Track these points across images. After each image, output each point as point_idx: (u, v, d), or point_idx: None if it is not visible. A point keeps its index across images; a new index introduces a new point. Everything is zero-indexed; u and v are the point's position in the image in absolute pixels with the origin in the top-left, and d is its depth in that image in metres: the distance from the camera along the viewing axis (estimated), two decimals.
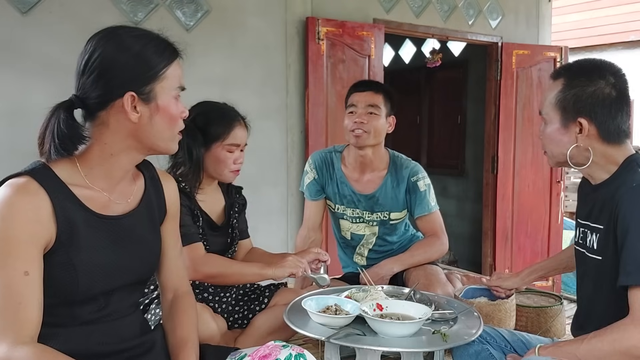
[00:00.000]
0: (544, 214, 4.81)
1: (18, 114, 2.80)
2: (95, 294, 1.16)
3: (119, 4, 3.02)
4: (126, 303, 1.25)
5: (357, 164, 2.37)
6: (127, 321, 1.25)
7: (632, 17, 8.67)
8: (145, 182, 1.31)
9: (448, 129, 6.05)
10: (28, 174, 1.11)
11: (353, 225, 2.41)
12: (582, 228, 1.52)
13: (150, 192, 1.31)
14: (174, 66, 1.20)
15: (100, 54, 1.15)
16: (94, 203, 1.17)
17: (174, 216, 1.38)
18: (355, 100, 2.28)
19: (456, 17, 4.43)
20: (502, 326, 1.96)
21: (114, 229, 1.20)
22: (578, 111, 1.40)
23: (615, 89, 1.40)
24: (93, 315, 1.17)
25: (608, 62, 1.45)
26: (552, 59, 4.78)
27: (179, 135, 1.25)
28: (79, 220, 1.13)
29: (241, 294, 2.01)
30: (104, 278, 1.17)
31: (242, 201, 2.07)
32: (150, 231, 1.29)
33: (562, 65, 1.53)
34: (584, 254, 1.50)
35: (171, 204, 1.36)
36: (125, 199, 1.24)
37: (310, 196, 2.45)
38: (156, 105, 1.17)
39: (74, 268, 1.12)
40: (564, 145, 1.44)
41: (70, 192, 1.14)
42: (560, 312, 2.28)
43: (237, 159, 1.89)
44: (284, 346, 1.21)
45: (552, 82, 1.48)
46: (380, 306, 1.68)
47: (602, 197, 1.43)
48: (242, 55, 3.43)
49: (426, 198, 2.33)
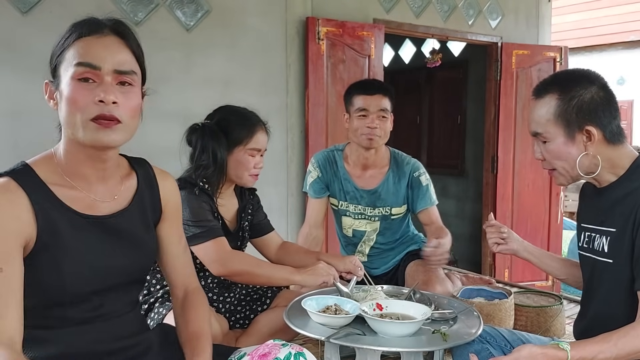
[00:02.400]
0: (544, 214, 4.82)
1: (18, 114, 2.80)
2: (86, 294, 1.14)
3: (119, 4, 3.02)
4: (122, 302, 1.23)
5: (359, 162, 2.41)
6: (124, 319, 1.23)
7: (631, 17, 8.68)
8: (138, 181, 1.27)
9: (448, 129, 6.05)
10: (8, 175, 1.09)
11: (355, 222, 2.45)
12: (588, 232, 1.50)
13: (144, 191, 1.27)
14: (77, 43, 1.10)
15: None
16: (78, 203, 1.14)
17: (172, 214, 1.35)
18: (366, 104, 2.29)
19: (456, 17, 4.43)
20: (501, 326, 1.97)
21: (101, 229, 1.16)
22: (583, 120, 1.39)
23: (605, 90, 1.41)
24: (88, 314, 1.15)
25: (586, 69, 1.46)
26: (551, 59, 4.78)
27: (102, 126, 1.09)
28: (61, 220, 1.11)
29: (244, 294, 2.01)
30: (93, 278, 1.14)
31: (256, 200, 2.09)
32: (143, 231, 1.26)
33: (542, 82, 1.49)
34: (592, 258, 1.48)
35: (167, 201, 1.33)
36: (111, 198, 1.20)
37: (314, 194, 2.49)
38: (60, 90, 1.11)
39: (60, 269, 1.09)
40: (573, 157, 1.42)
41: (50, 193, 1.11)
42: (560, 312, 2.29)
43: (258, 163, 1.92)
44: (283, 345, 1.21)
45: (539, 100, 1.45)
46: (380, 306, 1.68)
47: (612, 199, 1.42)
48: (242, 55, 3.43)
49: (428, 192, 2.39)
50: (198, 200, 1.80)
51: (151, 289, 1.87)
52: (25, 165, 1.13)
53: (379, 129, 2.28)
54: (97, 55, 1.09)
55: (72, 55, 1.10)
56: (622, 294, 1.39)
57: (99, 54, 1.10)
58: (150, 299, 1.84)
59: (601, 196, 1.46)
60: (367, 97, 2.30)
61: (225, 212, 1.94)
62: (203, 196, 1.82)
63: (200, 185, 1.83)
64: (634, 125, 9.62)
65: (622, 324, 1.31)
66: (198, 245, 1.76)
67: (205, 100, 2.05)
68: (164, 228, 1.34)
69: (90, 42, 1.11)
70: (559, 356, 1.25)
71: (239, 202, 2.02)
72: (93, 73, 1.08)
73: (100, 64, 1.09)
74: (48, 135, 3.27)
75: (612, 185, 1.44)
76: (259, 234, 2.08)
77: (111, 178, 1.21)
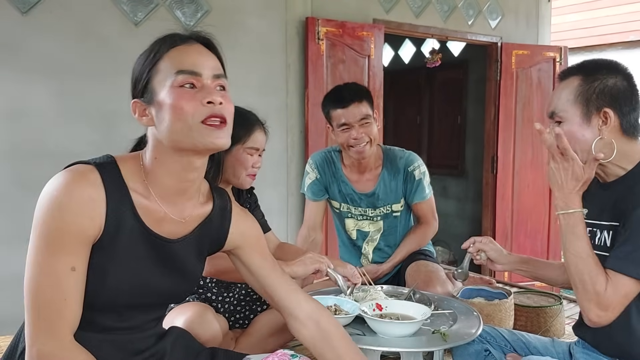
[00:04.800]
0: (544, 214, 4.82)
1: (18, 114, 2.80)
2: (119, 306, 1.12)
3: (119, 4, 3.02)
4: (147, 318, 1.20)
5: (354, 166, 2.41)
6: (145, 335, 1.20)
7: (631, 17, 8.67)
8: (213, 210, 1.24)
9: (448, 129, 6.05)
10: (94, 165, 1.08)
11: (358, 223, 2.45)
12: (590, 227, 1.49)
13: (213, 221, 1.24)
14: (169, 54, 1.11)
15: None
16: (149, 216, 1.12)
17: (253, 244, 1.31)
18: (345, 118, 2.23)
19: (456, 17, 4.43)
20: (501, 326, 1.97)
21: (157, 249, 1.14)
22: (602, 102, 1.38)
23: (629, 81, 1.41)
24: (112, 323, 1.13)
25: (614, 60, 1.45)
26: (551, 59, 4.79)
27: (214, 127, 1.09)
28: (126, 227, 1.09)
29: (243, 294, 2.01)
30: (131, 294, 1.12)
31: (254, 199, 2.09)
32: (195, 259, 1.23)
33: (572, 66, 1.50)
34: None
35: (237, 238, 1.29)
36: (181, 218, 1.17)
37: (313, 196, 2.47)
38: (158, 102, 1.10)
39: (104, 273, 1.07)
40: (587, 140, 1.40)
41: (128, 196, 1.10)
42: (560, 312, 2.29)
43: (256, 162, 1.91)
44: (292, 356, 1.20)
45: (563, 82, 1.45)
46: (380, 306, 1.68)
47: (618, 194, 1.41)
48: (242, 55, 3.44)
49: (422, 185, 2.38)
50: None
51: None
52: (113, 161, 1.12)
53: (365, 136, 2.24)
54: (195, 62, 1.11)
55: (168, 66, 1.10)
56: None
57: (196, 61, 1.11)
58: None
59: (606, 191, 1.45)
60: (344, 111, 2.23)
61: None
62: None
63: None
64: None
65: (623, 320, 1.31)
66: None
67: None
68: (245, 255, 1.31)
69: (182, 51, 1.12)
70: None
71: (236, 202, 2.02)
72: (195, 79, 1.09)
73: (200, 70, 1.10)
74: (48, 135, 3.28)
75: (618, 181, 1.43)
76: None
77: (190, 199, 1.19)
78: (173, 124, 1.08)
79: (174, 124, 1.08)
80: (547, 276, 1.71)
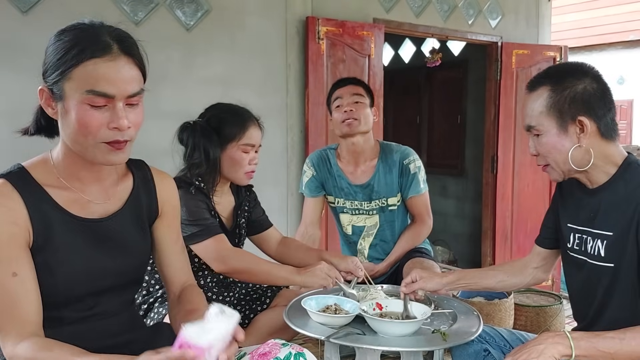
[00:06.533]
0: (544, 214, 4.80)
1: (18, 114, 2.80)
2: (80, 296, 1.16)
3: (120, 4, 3.02)
4: (117, 302, 1.25)
5: (350, 156, 2.43)
6: (119, 318, 1.24)
7: (631, 17, 8.68)
8: (134, 182, 1.28)
9: (448, 129, 6.05)
10: (3, 177, 1.11)
11: (353, 218, 2.46)
12: (579, 234, 1.48)
13: (140, 192, 1.28)
14: (86, 65, 1.06)
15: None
16: (72, 205, 1.16)
17: (170, 214, 1.35)
18: (339, 94, 2.39)
19: (456, 17, 4.43)
20: (501, 325, 1.97)
21: (95, 231, 1.18)
22: (576, 110, 1.37)
23: (599, 82, 1.39)
24: (82, 314, 1.18)
25: (580, 62, 1.45)
26: (551, 58, 4.78)
27: (115, 149, 1.10)
28: (55, 222, 1.13)
29: (243, 294, 2.02)
30: (86, 280, 1.16)
31: (253, 196, 2.09)
32: (136, 232, 1.26)
33: (535, 75, 1.48)
34: (585, 261, 1.46)
35: (165, 202, 1.33)
36: (106, 199, 1.21)
37: (310, 193, 2.51)
38: (65, 107, 1.09)
39: (52, 271, 1.12)
40: (566, 150, 1.39)
41: (45, 195, 1.13)
42: (560, 312, 2.29)
43: (252, 159, 1.91)
44: (283, 344, 1.21)
45: (533, 94, 1.43)
46: (380, 305, 1.68)
47: (606, 200, 1.40)
48: (242, 54, 3.43)
49: (417, 179, 2.41)
50: (194, 199, 1.80)
51: (150, 289, 1.87)
52: (21, 168, 1.15)
53: (355, 112, 2.33)
54: (111, 84, 1.07)
55: (82, 78, 1.06)
56: (626, 297, 1.38)
57: (113, 82, 1.07)
58: (149, 299, 1.84)
59: (593, 197, 1.44)
60: (340, 89, 2.41)
61: (221, 210, 1.94)
62: (199, 195, 1.82)
63: (196, 184, 1.83)
64: (634, 125, 9.62)
65: (626, 325, 1.29)
66: (198, 244, 1.77)
67: (204, 100, 2.04)
68: (161, 228, 1.34)
69: (101, 67, 1.07)
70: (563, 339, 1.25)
71: (235, 200, 2.02)
72: (107, 101, 1.08)
73: (114, 92, 1.07)
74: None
75: (604, 186, 1.42)
76: (258, 231, 2.08)
77: (107, 179, 1.22)
78: (76, 136, 1.09)
79: (77, 136, 1.09)
80: (487, 284, 1.74)
